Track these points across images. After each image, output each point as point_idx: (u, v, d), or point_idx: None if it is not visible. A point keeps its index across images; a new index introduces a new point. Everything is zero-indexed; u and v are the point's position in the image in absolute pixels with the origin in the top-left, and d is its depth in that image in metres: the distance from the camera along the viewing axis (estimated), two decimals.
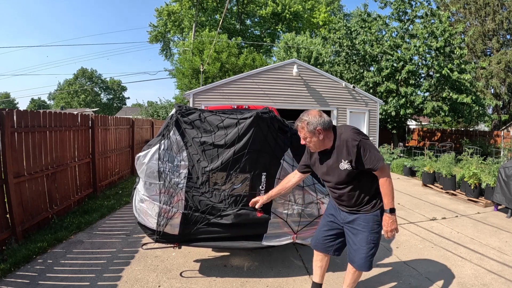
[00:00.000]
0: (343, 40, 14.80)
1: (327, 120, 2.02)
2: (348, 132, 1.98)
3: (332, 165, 2.06)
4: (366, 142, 1.95)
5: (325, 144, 2.05)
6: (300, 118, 2.06)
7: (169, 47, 34.36)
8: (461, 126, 19.56)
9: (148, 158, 2.62)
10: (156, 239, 2.70)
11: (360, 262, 2.12)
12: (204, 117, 2.68)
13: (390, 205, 2.00)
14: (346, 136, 1.97)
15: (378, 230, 2.10)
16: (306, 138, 2.05)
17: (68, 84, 55.65)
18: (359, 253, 2.11)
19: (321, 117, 2.01)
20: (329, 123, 2.02)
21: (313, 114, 2.02)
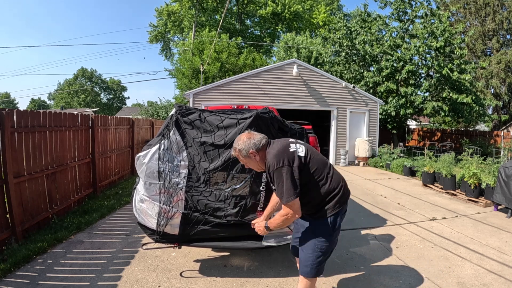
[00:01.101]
0: (343, 40, 14.79)
1: (257, 141, 1.99)
2: (271, 155, 1.94)
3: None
4: (281, 173, 1.86)
5: (262, 163, 2.04)
6: (233, 146, 2.07)
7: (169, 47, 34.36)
8: (461, 126, 19.55)
9: (148, 158, 2.62)
10: (156, 239, 2.70)
11: (303, 268, 2.07)
12: (204, 117, 2.68)
13: (269, 224, 2.07)
14: (268, 159, 1.95)
15: (327, 239, 2.01)
16: (245, 164, 2.09)
17: (68, 84, 55.63)
18: (305, 258, 2.06)
19: (250, 139, 2.00)
20: (259, 144, 1.99)
21: (242, 139, 2.02)
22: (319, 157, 2.07)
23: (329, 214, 2.00)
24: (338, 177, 2.09)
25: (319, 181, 1.99)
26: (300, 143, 2.06)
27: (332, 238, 2.05)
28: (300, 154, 1.95)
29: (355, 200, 5.90)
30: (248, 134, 2.05)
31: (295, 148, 1.97)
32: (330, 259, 3.27)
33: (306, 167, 1.95)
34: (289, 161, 1.88)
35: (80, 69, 55.77)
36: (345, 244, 3.72)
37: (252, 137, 2.02)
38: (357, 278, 2.90)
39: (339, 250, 3.51)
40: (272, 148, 1.98)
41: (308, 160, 1.97)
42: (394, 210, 5.28)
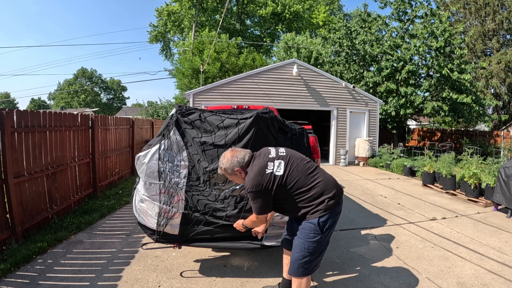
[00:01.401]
0: (343, 40, 14.79)
1: (241, 158, 2.08)
2: (248, 178, 2.03)
3: None
4: (254, 195, 2.00)
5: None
6: (219, 165, 2.17)
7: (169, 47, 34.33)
8: (461, 126, 19.55)
9: (148, 158, 2.62)
10: (156, 239, 2.70)
11: (292, 266, 2.11)
12: (204, 117, 2.68)
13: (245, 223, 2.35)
14: (246, 180, 2.05)
15: (315, 240, 2.03)
16: (232, 180, 2.24)
17: (68, 84, 55.62)
18: (293, 258, 2.12)
19: (233, 157, 2.09)
20: (243, 161, 2.08)
21: (226, 158, 2.11)
22: (301, 167, 2.07)
23: (318, 215, 2.02)
24: (325, 181, 2.07)
25: (300, 192, 2.03)
26: (281, 158, 2.08)
27: (320, 239, 2.04)
28: (277, 173, 2.01)
29: (355, 200, 5.90)
30: (232, 152, 2.13)
31: (272, 168, 2.02)
32: (330, 259, 3.28)
33: (284, 183, 2.01)
34: (262, 185, 1.98)
35: (80, 69, 55.78)
36: (345, 244, 3.72)
37: (236, 154, 2.10)
38: (357, 278, 2.90)
39: (339, 250, 3.51)
40: (250, 169, 2.06)
41: (287, 175, 2.02)
42: (394, 210, 5.28)
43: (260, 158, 2.09)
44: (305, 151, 2.86)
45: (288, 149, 2.22)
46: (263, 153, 2.14)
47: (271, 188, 1.99)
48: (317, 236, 2.03)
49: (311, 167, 2.11)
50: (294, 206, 2.08)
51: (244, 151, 2.13)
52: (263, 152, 2.15)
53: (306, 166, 2.09)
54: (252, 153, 2.15)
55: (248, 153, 2.12)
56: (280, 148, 2.21)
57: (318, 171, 2.11)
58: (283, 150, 2.16)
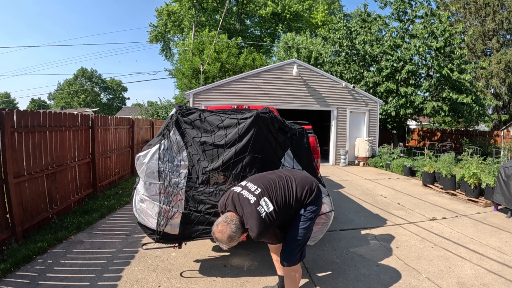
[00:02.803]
0: (343, 40, 14.79)
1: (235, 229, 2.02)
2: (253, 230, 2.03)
3: None
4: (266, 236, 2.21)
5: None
6: (221, 244, 2.06)
7: (169, 47, 34.33)
8: (461, 126, 19.55)
9: (148, 158, 2.62)
10: (156, 239, 2.70)
11: (285, 256, 2.24)
12: (204, 117, 2.68)
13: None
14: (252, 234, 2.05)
15: (305, 226, 2.19)
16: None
17: (68, 84, 55.62)
18: (290, 248, 2.23)
19: (231, 235, 2.01)
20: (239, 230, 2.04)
21: (225, 241, 2.01)
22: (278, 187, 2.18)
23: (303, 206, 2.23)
24: (302, 184, 2.25)
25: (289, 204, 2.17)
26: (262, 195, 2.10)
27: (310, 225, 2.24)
28: (270, 210, 2.07)
29: (355, 200, 5.90)
30: (223, 231, 2.01)
31: (264, 210, 2.06)
32: (331, 259, 3.28)
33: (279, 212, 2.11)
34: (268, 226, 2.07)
35: (80, 69, 55.78)
36: (345, 244, 3.72)
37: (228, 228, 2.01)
38: (357, 278, 2.90)
39: (339, 250, 3.51)
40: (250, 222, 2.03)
41: (276, 206, 2.10)
42: (394, 210, 5.28)
43: (247, 209, 2.06)
44: (305, 151, 2.86)
45: (254, 180, 2.25)
46: (242, 200, 2.10)
47: (274, 223, 2.12)
48: (306, 222, 2.20)
49: (287, 183, 2.23)
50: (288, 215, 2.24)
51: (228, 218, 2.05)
52: (242, 199, 2.10)
53: (280, 183, 2.21)
54: (232, 212, 2.10)
55: (234, 216, 2.07)
56: (248, 184, 2.21)
57: (290, 181, 2.24)
58: (252, 186, 2.17)
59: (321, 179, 2.87)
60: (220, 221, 2.05)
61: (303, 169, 2.72)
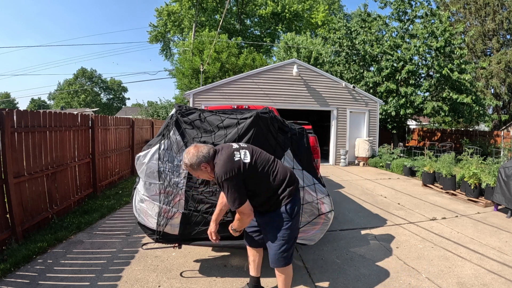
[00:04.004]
0: (343, 40, 14.79)
1: (206, 153, 2.05)
2: (218, 167, 2.01)
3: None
4: (227, 184, 1.97)
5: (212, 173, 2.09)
6: (183, 161, 2.12)
7: (169, 47, 34.33)
8: (461, 126, 19.55)
9: (148, 158, 2.62)
10: (156, 239, 2.70)
11: (272, 259, 2.19)
12: (204, 117, 2.68)
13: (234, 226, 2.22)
14: (216, 170, 2.02)
15: (287, 227, 2.13)
16: (197, 176, 2.19)
17: (68, 84, 55.62)
18: (271, 251, 2.18)
19: (198, 152, 2.05)
20: (209, 155, 2.06)
21: (191, 153, 2.06)
22: (263, 156, 2.17)
23: (284, 203, 2.12)
24: (283, 169, 2.21)
25: (267, 178, 2.10)
26: (244, 148, 2.14)
27: (292, 225, 2.15)
28: (245, 161, 2.05)
29: (355, 200, 5.90)
30: (195, 147, 2.08)
31: (239, 156, 2.06)
32: (331, 259, 3.28)
33: (253, 171, 2.05)
34: (234, 171, 1.98)
35: (80, 69, 55.79)
36: (345, 244, 3.72)
37: (200, 149, 2.06)
38: (357, 278, 2.90)
39: (339, 250, 3.51)
40: (218, 159, 2.04)
41: (254, 162, 2.07)
42: (394, 210, 5.28)
43: (224, 150, 2.10)
44: (305, 151, 2.86)
45: (248, 144, 2.32)
46: (226, 146, 2.16)
47: (242, 173, 2.00)
48: (288, 222, 2.13)
49: (270, 158, 2.21)
50: (261, 197, 2.13)
51: (208, 146, 2.11)
52: (226, 146, 2.17)
53: (267, 156, 2.20)
54: (214, 148, 2.14)
55: (211, 147, 2.12)
56: (241, 143, 2.30)
57: (276, 161, 2.23)
58: (244, 144, 2.25)
59: (321, 179, 2.87)
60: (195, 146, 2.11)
61: (303, 169, 2.72)
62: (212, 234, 2.34)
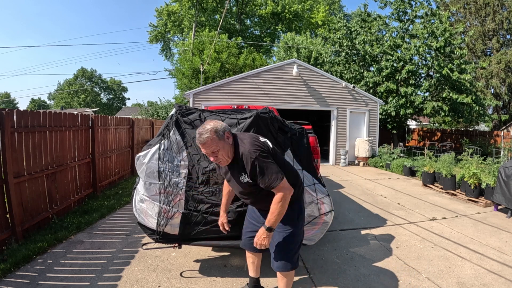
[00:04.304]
0: (343, 40, 14.79)
1: (226, 125, 1.93)
2: (247, 145, 1.86)
3: (234, 175, 1.97)
4: (263, 160, 1.81)
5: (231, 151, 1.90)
6: (204, 130, 1.82)
7: (169, 47, 34.33)
8: (461, 126, 19.55)
9: (148, 158, 2.62)
10: (156, 239, 2.70)
11: (278, 263, 2.09)
12: (204, 117, 2.68)
13: (269, 224, 1.88)
14: (244, 149, 1.85)
15: (295, 230, 2.05)
16: (217, 151, 1.84)
17: (68, 84, 55.62)
18: (277, 255, 2.08)
19: (217, 122, 1.90)
20: (228, 128, 1.93)
21: (214, 121, 1.90)
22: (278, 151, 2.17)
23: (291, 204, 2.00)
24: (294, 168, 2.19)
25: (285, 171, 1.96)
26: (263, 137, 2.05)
27: (299, 227, 2.09)
28: (270, 145, 1.99)
29: (355, 200, 5.90)
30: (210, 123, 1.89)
31: (264, 139, 2.00)
32: (331, 259, 3.28)
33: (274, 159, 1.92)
34: (265, 147, 1.90)
35: (80, 69, 55.80)
36: (345, 244, 3.72)
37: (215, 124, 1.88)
38: (357, 278, 2.90)
39: (339, 250, 3.51)
40: (244, 139, 1.91)
41: (274, 153, 1.99)
42: (394, 210, 5.28)
43: (244, 134, 2.04)
44: (305, 151, 2.86)
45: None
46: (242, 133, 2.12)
47: (271, 154, 1.89)
48: (296, 225, 2.07)
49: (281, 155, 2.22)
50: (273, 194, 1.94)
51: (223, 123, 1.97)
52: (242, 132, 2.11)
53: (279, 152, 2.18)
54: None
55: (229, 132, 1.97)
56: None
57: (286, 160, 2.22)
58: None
59: (321, 179, 2.87)
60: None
61: (303, 169, 2.72)
62: (224, 225, 2.27)
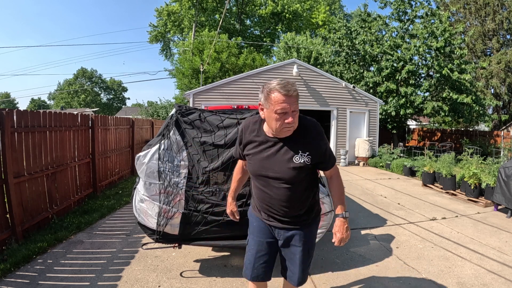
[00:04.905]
0: (343, 40, 14.79)
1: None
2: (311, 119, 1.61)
3: (281, 155, 1.56)
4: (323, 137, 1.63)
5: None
6: (287, 84, 1.47)
7: (169, 47, 34.34)
8: (461, 126, 19.55)
9: (148, 158, 2.63)
10: (156, 239, 2.70)
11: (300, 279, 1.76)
12: (204, 117, 2.68)
13: (343, 208, 1.66)
14: (312, 122, 1.58)
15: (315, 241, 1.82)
16: (295, 111, 1.50)
17: (68, 84, 55.62)
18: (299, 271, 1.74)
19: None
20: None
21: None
22: None
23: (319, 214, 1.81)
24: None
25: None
26: None
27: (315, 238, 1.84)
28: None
29: (355, 200, 5.90)
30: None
31: None
32: (331, 259, 3.28)
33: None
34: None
35: (80, 69, 55.80)
36: (345, 244, 3.71)
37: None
38: (357, 278, 2.90)
39: (339, 250, 3.51)
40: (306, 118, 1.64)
41: None
42: (394, 210, 5.28)
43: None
44: None
45: None
46: None
47: None
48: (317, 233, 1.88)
49: None
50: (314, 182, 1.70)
51: None
52: None
53: None
54: None
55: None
56: None
57: None
58: None
59: (321, 179, 2.87)
60: None
61: None
62: (234, 214, 1.99)
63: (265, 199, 1.68)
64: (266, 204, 1.69)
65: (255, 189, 1.74)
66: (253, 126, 1.69)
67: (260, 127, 1.65)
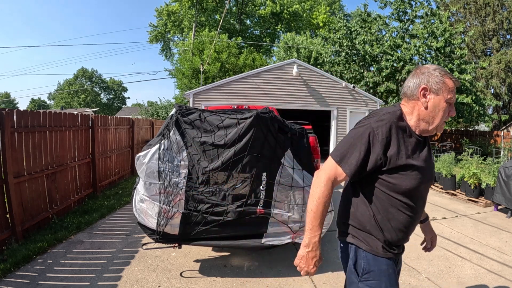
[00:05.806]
0: (343, 40, 14.80)
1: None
2: None
3: (430, 156, 1.33)
4: None
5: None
6: (449, 72, 1.25)
7: (169, 47, 34.35)
8: (461, 126, 19.54)
9: (148, 158, 2.62)
10: (156, 239, 2.70)
11: None
12: (204, 117, 2.68)
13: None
14: None
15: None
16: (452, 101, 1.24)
17: (68, 84, 55.63)
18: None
19: None
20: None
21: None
22: None
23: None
24: None
25: None
26: None
27: None
28: None
29: None
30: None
31: None
32: (331, 259, 3.28)
33: None
34: None
35: (80, 69, 55.78)
36: None
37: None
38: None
39: None
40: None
41: None
42: None
43: None
44: (305, 151, 2.86)
45: None
46: None
47: None
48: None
49: None
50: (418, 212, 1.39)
51: None
52: None
53: None
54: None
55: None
56: None
57: None
58: None
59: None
60: None
61: (303, 169, 2.72)
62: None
63: (409, 224, 1.32)
64: (411, 228, 1.33)
65: (397, 214, 1.29)
66: (400, 122, 1.25)
67: (408, 124, 1.27)
